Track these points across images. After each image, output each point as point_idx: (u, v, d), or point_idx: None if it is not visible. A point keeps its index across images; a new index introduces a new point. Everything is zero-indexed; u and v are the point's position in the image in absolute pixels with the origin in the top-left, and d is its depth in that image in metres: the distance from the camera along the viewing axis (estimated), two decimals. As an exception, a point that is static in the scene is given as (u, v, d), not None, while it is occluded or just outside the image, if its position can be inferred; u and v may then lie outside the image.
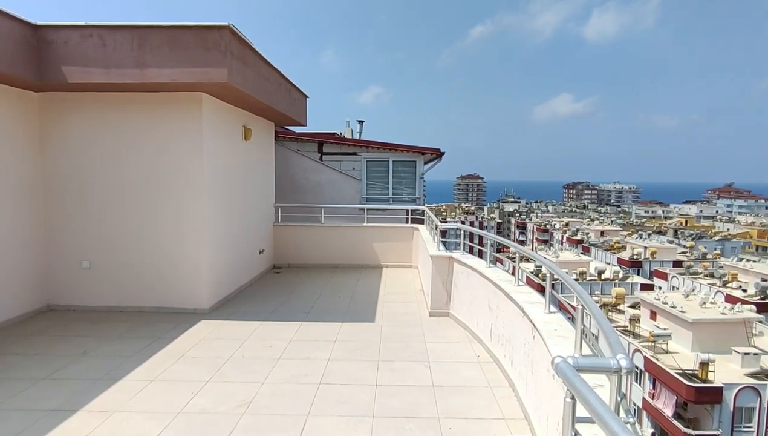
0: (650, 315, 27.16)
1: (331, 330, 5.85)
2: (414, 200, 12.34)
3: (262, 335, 5.69)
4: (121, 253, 6.59)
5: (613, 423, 1.32)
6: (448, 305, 6.46)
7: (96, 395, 4.05)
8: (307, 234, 10.09)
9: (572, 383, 1.57)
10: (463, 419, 3.72)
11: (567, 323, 3.50)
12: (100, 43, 5.64)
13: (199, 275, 6.61)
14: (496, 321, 4.91)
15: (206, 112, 6.50)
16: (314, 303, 7.18)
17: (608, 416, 1.36)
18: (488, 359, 4.96)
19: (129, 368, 4.65)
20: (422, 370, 4.66)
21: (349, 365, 4.75)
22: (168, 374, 4.54)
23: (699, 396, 20.43)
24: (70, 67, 5.65)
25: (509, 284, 4.68)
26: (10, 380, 4.37)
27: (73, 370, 4.61)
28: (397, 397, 4.08)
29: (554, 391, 3.00)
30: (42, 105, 6.44)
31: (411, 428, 3.58)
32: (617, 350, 1.79)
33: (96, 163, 6.50)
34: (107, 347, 5.25)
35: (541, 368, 3.38)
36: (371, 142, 12.59)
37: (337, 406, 3.91)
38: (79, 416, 3.71)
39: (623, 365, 1.68)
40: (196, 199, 6.51)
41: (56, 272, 6.62)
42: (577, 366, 1.67)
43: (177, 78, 5.70)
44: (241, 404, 3.93)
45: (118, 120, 6.46)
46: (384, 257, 10.06)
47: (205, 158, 6.50)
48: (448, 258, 6.47)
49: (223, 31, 5.63)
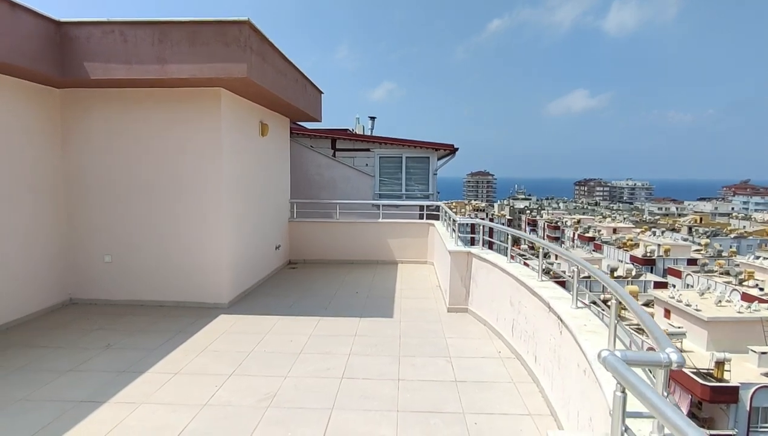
0: (664, 313, 26.78)
1: (350, 325, 5.85)
2: (427, 196, 12.28)
3: (282, 329, 5.72)
4: (142, 248, 6.66)
5: (673, 415, 1.28)
6: (466, 300, 6.42)
7: (122, 387, 4.10)
8: (322, 230, 10.11)
9: (624, 376, 1.53)
10: (488, 415, 3.69)
11: (596, 318, 3.45)
12: (121, 39, 5.68)
13: (218, 270, 6.65)
14: (518, 317, 4.87)
15: (225, 108, 6.53)
16: (331, 299, 7.19)
17: (667, 408, 1.33)
18: (510, 355, 4.92)
19: (152, 360, 4.70)
20: (444, 365, 4.64)
21: (370, 360, 4.74)
22: (191, 367, 4.58)
23: (714, 395, 20.12)
24: (93, 63, 5.71)
25: (532, 280, 4.63)
26: (38, 371, 4.44)
27: (97, 362, 4.68)
28: (420, 392, 4.06)
29: (585, 386, 2.96)
30: (64, 101, 6.51)
31: (436, 422, 3.57)
32: (665, 344, 1.75)
33: (116, 159, 6.57)
34: (130, 339, 5.32)
35: (570, 363, 3.33)
36: (384, 139, 12.56)
37: (361, 400, 3.90)
38: (107, 407, 3.76)
39: (674, 359, 1.64)
40: (215, 195, 6.54)
41: (79, 267, 6.71)
42: (626, 359, 1.64)
43: (197, 73, 5.72)
44: (265, 397, 3.95)
45: (138, 116, 6.51)
46: (399, 253, 10.04)
47: (224, 153, 6.53)
48: (467, 254, 6.43)
49: (242, 26, 5.64)
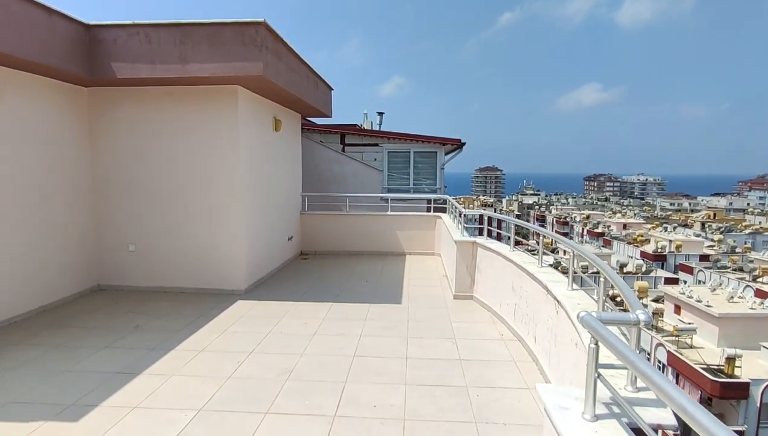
0: (674, 309, 26.72)
1: (360, 310, 6.18)
2: (434, 191, 12.55)
3: (296, 313, 6.06)
4: (163, 238, 7.05)
5: (635, 358, 1.57)
6: (471, 288, 6.71)
7: (153, 362, 4.48)
8: (333, 222, 10.44)
9: (596, 330, 1.81)
10: (490, 388, 3.99)
11: (589, 298, 3.72)
12: (145, 40, 6.04)
13: (235, 259, 7.02)
14: (519, 301, 5.15)
15: (241, 105, 6.86)
16: (342, 287, 7.53)
17: (631, 354, 1.61)
18: (512, 338, 5.20)
19: (178, 340, 5.08)
20: (449, 346, 4.94)
21: (380, 341, 5.07)
22: (214, 345, 4.94)
23: (724, 391, 20.12)
24: (119, 63, 6.08)
25: (533, 266, 4.90)
26: (76, 348, 4.84)
27: (129, 340, 5.06)
28: (426, 369, 4.37)
29: (577, 359, 3.24)
30: (91, 99, 6.91)
31: (441, 394, 3.87)
32: (635, 306, 2.03)
33: (138, 154, 6.95)
34: (156, 322, 5.70)
35: (565, 340, 3.61)
36: (392, 134, 12.84)
37: (372, 375, 4.23)
38: (142, 378, 4.14)
39: (642, 318, 1.92)
40: (232, 187, 6.90)
41: (105, 255, 7.13)
42: (601, 318, 1.92)
43: (216, 72, 6.06)
44: (283, 372, 4.29)
45: (159, 112, 6.88)
46: (407, 245, 10.34)
47: (241, 148, 6.88)
48: (472, 243, 6.71)
49: (259, 26, 5.95)
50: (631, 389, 2.10)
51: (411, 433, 3.29)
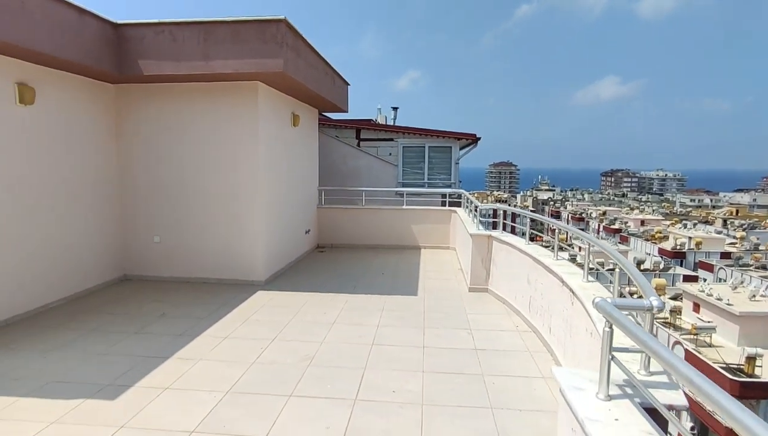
0: (693, 307, 26.25)
1: (377, 301, 6.32)
2: (449, 185, 12.60)
3: (315, 303, 6.24)
4: (187, 229, 7.30)
5: (647, 337, 1.66)
6: (487, 281, 6.79)
7: (181, 347, 4.69)
8: (349, 216, 10.60)
9: (610, 313, 1.91)
10: (505, 376, 4.09)
11: (604, 289, 3.78)
12: (171, 38, 6.23)
13: (255, 251, 7.23)
14: (534, 294, 5.22)
15: (262, 100, 7.04)
16: (359, 279, 7.68)
17: (643, 335, 1.70)
18: (527, 329, 5.29)
19: (203, 327, 5.29)
20: (465, 336, 5.06)
21: (397, 330, 5.20)
22: (238, 332, 5.15)
23: (744, 391, 19.76)
24: (146, 61, 6.29)
25: (548, 258, 4.97)
26: (109, 332, 5.10)
27: (157, 327, 5.30)
28: (443, 357, 4.50)
29: (592, 348, 3.32)
30: (117, 95, 7.16)
31: (457, 381, 3.99)
32: (649, 293, 2.11)
33: (162, 148, 7.19)
34: (181, 310, 5.94)
35: (580, 330, 3.69)
36: (407, 128, 12.91)
37: (390, 362, 4.37)
38: (172, 361, 4.35)
39: (655, 304, 2.00)
40: (252, 181, 7.10)
41: (131, 246, 7.42)
42: (615, 304, 2.01)
43: (238, 68, 6.23)
44: (304, 358, 4.46)
45: (182, 108, 7.10)
46: (422, 239, 10.45)
47: (261, 143, 7.06)
48: (488, 237, 6.78)
49: (279, 24, 6.10)
50: (645, 372, 2.18)
51: (429, 416, 3.43)
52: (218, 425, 3.30)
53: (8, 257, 5.38)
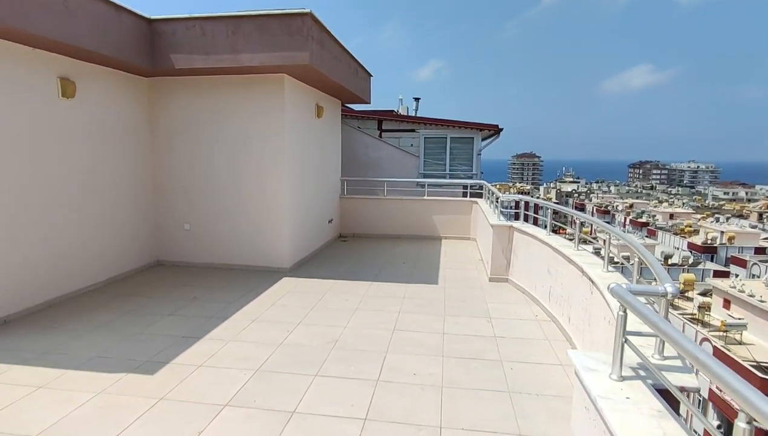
0: (723, 304, 25.45)
1: (398, 289, 6.47)
2: (470, 177, 12.59)
3: (338, 290, 6.44)
4: (215, 218, 7.60)
5: (658, 320, 1.74)
6: (507, 271, 6.85)
7: (212, 328, 4.96)
8: (371, 206, 10.76)
9: (624, 297, 1.99)
10: (523, 363, 4.19)
11: (624, 279, 3.81)
12: (200, 32, 6.45)
13: (281, 239, 7.47)
14: (554, 283, 5.26)
15: (287, 92, 7.21)
16: (381, 267, 7.85)
17: (656, 318, 1.78)
18: (546, 319, 5.34)
19: (233, 310, 5.56)
20: (485, 324, 5.15)
21: (418, 317, 5.35)
22: (265, 316, 5.39)
23: (774, 389, 19.22)
24: (177, 55, 6.54)
25: (569, 249, 5.00)
26: (144, 314, 5.42)
27: (189, 310, 5.60)
28: (462, 343, 4.61)
29: (609, 336, 3.37)
30: (150, 88, 7.47)
31: (477, 366, 4.11)
32: (665, 280, 2.17)
33: (192, 139, 7.48)
34: (211, 294, 6.23)
35: (598, 318, 3.74)
36: (429, 119, 12.92)
37: (411, 347, 4.51)
38: (203, 342, 4.62)
39: (669, 290, 2.07)
40: (279, 171, 7.31)
41: (164, 233, 7.77)
42: (630, 289, 2.08)
43: (265, 61, 6.41)
44: (329, 341, 4.66)
45: (211, 100, 7.35)
46: (443, 229, 10.53)
47: (287, 134, 7.25)
48: (509, 227, 6.82)
49: (305, 17, 6.23)
50: (658, 357, 2.25)
51: (449, 398, 3.56)
52: (249, 400, 3.53)
53: (64, 242, 5.76)
